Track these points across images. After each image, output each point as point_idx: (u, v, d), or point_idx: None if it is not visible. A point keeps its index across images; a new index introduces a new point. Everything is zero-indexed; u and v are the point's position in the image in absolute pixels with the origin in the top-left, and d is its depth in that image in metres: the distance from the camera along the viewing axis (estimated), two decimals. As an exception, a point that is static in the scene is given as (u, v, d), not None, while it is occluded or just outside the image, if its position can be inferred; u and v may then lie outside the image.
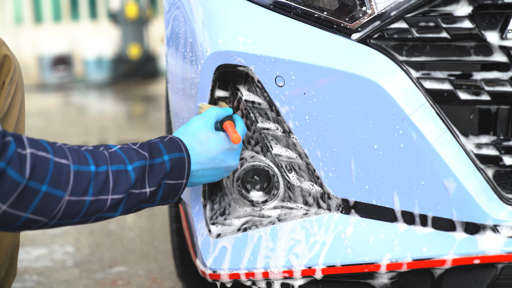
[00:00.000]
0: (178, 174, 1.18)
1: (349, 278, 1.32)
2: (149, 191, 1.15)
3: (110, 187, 1.10)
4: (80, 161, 1.08)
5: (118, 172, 1.11)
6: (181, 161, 1.19)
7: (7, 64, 1.36)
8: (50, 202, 1.03)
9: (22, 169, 1.00)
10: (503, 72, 1.22)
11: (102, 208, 1.10)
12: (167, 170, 1.16)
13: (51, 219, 1.05)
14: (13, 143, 1.00)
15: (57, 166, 1.04)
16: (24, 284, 2.13)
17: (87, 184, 1.07)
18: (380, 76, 1.23)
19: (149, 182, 1.14)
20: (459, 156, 1.24)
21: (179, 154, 1.19)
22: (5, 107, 1.36)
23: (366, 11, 1.25)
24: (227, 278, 1.36)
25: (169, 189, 1.18)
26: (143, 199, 1.15)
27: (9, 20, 10.64)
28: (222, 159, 1.25)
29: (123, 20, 9.21)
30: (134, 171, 1.13)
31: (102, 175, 1.09)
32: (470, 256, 1.25)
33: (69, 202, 1.05)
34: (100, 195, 1.09)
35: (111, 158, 1.12)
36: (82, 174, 1.07)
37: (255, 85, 1.31)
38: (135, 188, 1.13)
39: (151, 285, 2.07)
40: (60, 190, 1.04)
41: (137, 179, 1.13)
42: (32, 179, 1.01)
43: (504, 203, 1.24)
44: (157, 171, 1.15)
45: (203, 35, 1.34)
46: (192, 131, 1.24)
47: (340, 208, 1.32)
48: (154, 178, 1.15)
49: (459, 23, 1.21)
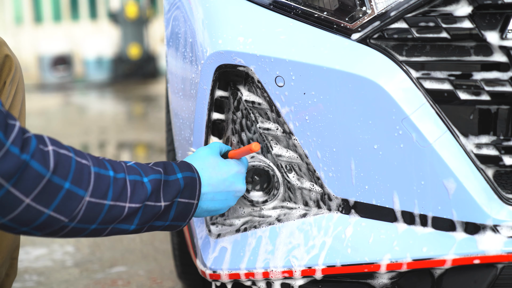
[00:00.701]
0: (190, 193, 1.20)
1: (349, 278, 1.32)
2: (163, 205, 1.16)
3: (128, 194, 1.11)
4: (100, 165, 1.09)
5: (135, 182, 1.12)
6: (193, 181, 1.21)
7: (8, 64, 1.36)
8: (72, 201, 1.04)
9: (46, 162, 1.00)
10: (503, 72, 1.22)
11: (119, 215, 1.10)
12: (181, 186, 1.18)
13: (71, 220, 1.05)
14: (34, 138, 1.01)
15: (79, 165, 1.05)
16: (24, 284, 2.13)
17: (106, 187, 1.08)
18: (380, 76, 1.23)
19: (164, 196, 1.16)
20: (459, 156, 1.24)
21: (191, 174, 1.21)
22: (5, 107, 1.36)
23: (366, 11, 1.25)
24: (227, 278, 1.36)
25: (181, 208, 1.19)
26: (157, 213, 1.16)
27: (9, 20, 10.64)
28: (232, 181, 1.26)
29: (123, 20, 9.21)
30: (150, 183, 1.14)
31: (120, 182, 1.10)
32: (470, 256, 1.25)
33: (89, 204, 1.06)
34: (118, 201, 1.09)
35: (128, 168, 1.13)
36: (102, 176, 1.08)
37: (255, 85, 1.31)
38: (151, 200, 1.14)
39: (151, 285, 2.07)
40: (82, 189, 1.05)
41: (153, 191, 1.14)
42: (55, 173, 1.01)
43: (504, 203, 1.24)
44: (171, 186, 1.17)
45: (203, 35, 1.34)
46: (201, 156, 1.26)
47: (340, 208, 1.32)
48: (168, 193, 1.17)
49: (459, 23, 1.21)
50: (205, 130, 1.36)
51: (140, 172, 1.14)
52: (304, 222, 1.34)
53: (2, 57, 1.35)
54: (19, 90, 1.39)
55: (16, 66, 1.38)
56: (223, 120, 1.37)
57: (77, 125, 5.74)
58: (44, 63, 9.51)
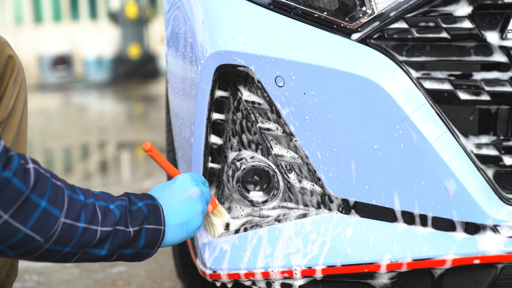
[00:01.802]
0: (156, 218, 1.21)
1: (349, 278, 1.32)
2: (132, 231, 1.17)
3: (99, 218, 1.12)
4: (71, 189, 1.11)
5: (104, 208, 1.14)
6: (155, 207, 1.22)
7: (11, 65, 1.36)
8: (48, 220, 1.05)
9: (27, 180, 1.01)
10: (503, 72, 1.22)
11: (92, 239, 1.11)
12: (145, 213, 1.20)
13: (47, 240, 1.05)
14: (16, 156, 1.02)
15: (54, 185, 1.07)
16: (24, 284, 2.13)
17: (79, 210, 1.09)
18: (380, 76, 1.23)
19: (131, 222, 1.17)
20: (459, 156, 1.24)
21: (152, 201, 1.22)
22: (8, 107, 1.36)
23: (366, 11, 1.25)
24: (227, 278, 1.36)
25: (150, 235, 1.20)
26: (127, 239, 1.17)
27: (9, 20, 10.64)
28: (181, 187, 1.27)
29: (123, 20, 9.21)
30: (117, 208, 1.16)
31: (90, 206, 1.12)
32: (470, 256, 1.25)
33: (64, 224, 1.07)
34: (91, 224, 1.11)
35: (95, 196, 1.15)
36: (74, 200, 1.09)
37: (255, 86, 1.31)
38: (121, 224, 1.15)
39: (151, 285, 2.07)
40: (57, 209, 1.06)
41: (121, 215, 1.16)
42: (34, 191, 1.02)
43: (504, 203, 1.24)
44: (136, 214, 1.19)
45: (203, 35, 1.34)
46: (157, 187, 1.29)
47: (340, 208, 1.32)
48: (135, 220, 1.18)
49: (459, 23, 1.21)
50: (205, 130, 1.36)
51: (106, 200, 1.16)
52: (304, 222, 1.34)
53: (5, 58, 1.35)
54: (21, 91, 1.39)
55: (19, 67, 1.38)
56: (223, 120, 1.37)
57: (77, 125, 5.74)
58: (44, 63, 9.51)
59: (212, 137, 1.38)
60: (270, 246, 1.34)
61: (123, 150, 4.66)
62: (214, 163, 1.39)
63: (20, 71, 1.39)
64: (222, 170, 1.39)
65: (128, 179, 3.78)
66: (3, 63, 1.35)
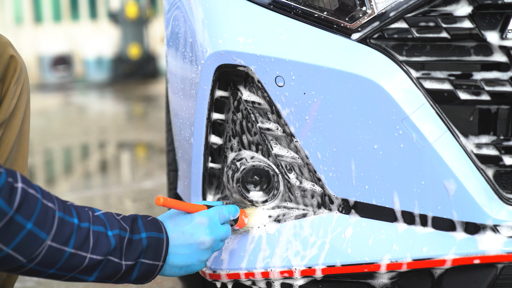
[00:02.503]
0: (155, 254, 1.17)
1: (349, 278, 1.32)
2: (125, 265, 1.14)
3: (90, 245, 1.09)
4: (65, 211, 1.07)
5: (99, 234, 1.10)
6: (159, 241, 1.18)
7: (13, 65, 1.36)
8: (33, 242, 1.02)
9: (11, 201, 0.99)
10: (503, 72, 1.22)
11: (79, 265, 1.09)
12: (143, 246, 1.16)
13: (30, 261, 1.03)
14: (4, 174, 1.00)
15: (44, 207, 1.04)
16: (24, 284, 2.13)
17: (69, 234, 1.06)
18: (380, 76, 1.23)
19: (125, 256, 1.14)
20: (459, 156, 1.24)
21: (158, 234, 1.18)
22: (10, 107, 1.36)
23: (366, 11, 1.25)
24: (227, 278, 1.36)
25: (145, 269, 1.17)
26: (119, 272, 1.13)
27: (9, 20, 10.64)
28: (192, 232, 1.21)
29: (123, 20, 9.21)
30: (114, 237, 1.12)
31: (84, 231, 1.08)
32: (470, 256, 1.25)
33: (50, 248, 1.04)
34: (80, 250, 1.08)
35: (93, 219, 1.12)
36: (65, 223, 1.06)
37: (255, 85, 1.31)
38: (114, 255, 1.12)
39: (151, 285, 2.07)
40: (44, 232, 1.03)
41: (116, 246, 1.12)
42: (19, 213, 1.00)
43: (504, 203, 1.24)
44: (134, 246, 1.15)
45: (203, 35, 1.34)
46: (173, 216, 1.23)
47: (340, 208, 1.32)
48: (131, 253, 1.14)
49: (459, 23, 1.21)
50: (205, 130, 1.36)
51: (106, 224, 1.12)
52: (304, 222, 1.34)
53: (7, 58, 1.35)
54: (24, 91, 1.39)
55: (21, 67, 1.38)
56: (223, 120, 1.37)
57: (77, 125, 5.74)
58: (44, 63, 9.51)
59: (212, 137, 1.37)
60: (270, 246, 1.34)
61: (123, 150, 4.66)
62: (214, 163, 1.39)
63: (23, 71, 1.39)
64: (222, 170, 1.39)
65: (128, 179, 3.78)
66: (5, 63, 1.35)
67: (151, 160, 4.23)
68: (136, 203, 3.11)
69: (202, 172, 1.39)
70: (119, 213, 1.19)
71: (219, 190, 1.42)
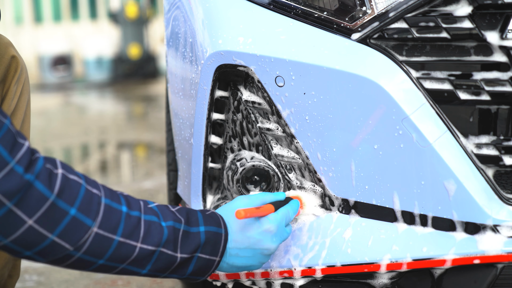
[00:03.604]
0: (212, 249, 1.15)
1: (349, 278, 1.32)
2: (180, 257, 1.11)
3: (141, 234, 1.06)
4: (113, 198, 1.05)
5: (151, 223, 1.08)
6: (217, 236, 1.15)
7: (14, 65, 1.36)
8: (78, 229, 1.00)
9: (51, 185, 0.98)
10: (503, 72, 1.22)
11: (129, 255, 1.06)
12: (201, 241, 1.13)
13: (77, 249, 1.01)
14: (42, 159, 0.99)
15: (88, 193, 1.02)
16: (24, 284, 2.13)
17: (117, 222, 1.04)
18: (380, 76, 1.23)
19: (181, 248, 1.11)
20: (459, 156, 1.24)
21: (217, 229, 1.15)
22: (11, 107, 1.36)
23: (366, 11, 1.25)
24: (227, 278, 1.36)
25: (201, 264, 1.14)
26: (173, 264, 1.11)
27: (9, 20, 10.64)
28: (259, 239, 1.20)
29: (123, 20, 9.21)
30: (167, 228, 1.09)
31: (133, 219, 1.06)
32: (470, 256, 1.25)
33: (97, 235, 1.02)
34: (129, 238, 1.05)
35: (145, 209, 1.09)
36: (113, 210, 1.04)
37: (255, 86, 1.31)
38: (167, 247, 1.09)
39: (151, 285, 2.07)
40: (89, 218, 1.01)
41: (169, 238, 1.09)
42: (61, 197, 0.99)
43: (504, 203, 1.24)
44: (191, 239, 1.12)
45: (203, 35, 1.34)
46: (233, 209, 1.20)
47: (340, 208, 1.32)
48: (187, 245, 1.12)
49: (459, 23, 1.21)
50: (205, 130, 1.36)
51: (159, 215, 1.09)
52: (304, 222, 1.33)
53: (8, 58, 1.36)
54: (24, 91, 1.39)
55: (22, 67, 1.38)
56: (223, 120, 1.37)
57: (77, 125, 5.74)
58: (44, 63, 9.51)
59: (212, 137, 1.37)
60: (270, 246, 1.34)
61: (123, 150, 4.66)
62: (214, 163, 1.39)
63: (23, 71, 1.39)
64: (222, 170, 1.39)
65: (128, 179, 3.78)
66: (6, 63, 1.35)
67: (151, 160, 4.23)
68: (136, 203, 3.11)
69: (202, 172, 1.39)
70: (175, 206, 1.17)
71: (219, 190, 1.42)
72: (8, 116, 0.99)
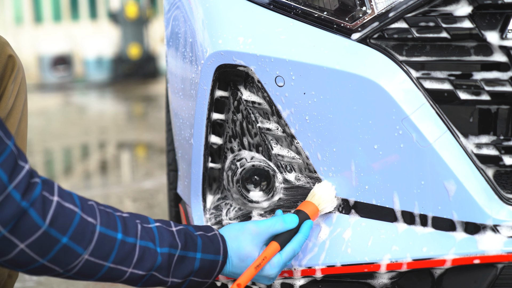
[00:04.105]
0: (206, 274, 1.15)
1: (349, 278, 1.32)
2: (171, 281, 1.12)
3: (134, 260, 1.07)
4: (109, 225, 1.05)
5: (145, 249, 1.08)
6: (213, 264, 1.15)
7: (10, 65, 1.36)
8: (69, 256, 1.01)
9: (45, 214, 0.98)
10: (503, 72, 1.22)
11: (119, 277, 1.07)
12: (194, 268, 1.14)
13: (67, 271, 1.03)
14: (40, 185, 0.99)
15: (83, 222, 1.02)
16: (24, 284, 2.13)
17: (110, 250, 1.05)
18: (380, 76, 1.23)
19: (173, 273, 1.12)
20: (459, 156, 1.24)
21: (214, 257, 1.16)
22: (7, 107, 1.36)
23: (366, 11, 1.25)
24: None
25: (193, 285, 1.15)
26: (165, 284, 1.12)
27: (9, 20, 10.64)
28: (256, 278, 1.21)
29: (123, 20, 9.22)
30: (162, 256, 1.10)
31: (128, 246, 1.07)
32: (470, 256, 1.25)
33: (87, 261, 1.03)
34: (120, 264, 1.06)
35: (142, 232, 1.09)
36: (107, 238, 1.04)
37: (255, 85, 1.31)
38: (159, 272, 1.10)
39: (151, 285, 2.06)
40: (81, 247, 1.02)
41: (163, 264, 1.10)
42: (53, 227, 0.99)
43: (504, 203, 1.24)
44: (185, 264, 1.13)
45: (203, 35, 1.34)
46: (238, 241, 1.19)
47: (340, 208, 1.32)
48: (180, 271, 1.12)
49: (459, 23, 1.21)
50: (205, 130, 1.36)
51: (155, 240, 1.10)
52: (304, 222, 1.33)
53: (5, 58, 1.36)
54: (21, 91, 1.39)
55: (19, 67, 1.38)
56: (223, 120, 1.37)
57: (77, 125, 5.74)
58: (44, 63, 9.51)
59: (212, 137, 1.37)
60: (270, 246, 1.34)
61: (123, 150, 4.66)
62: (214, 163, 1.39)
63: (20, 70, 1.39)
64: (222, 170, 1.39)
65: (128, 179, 3.78)
66: (3, 63, 1.35)
67: (151, 160, 4.23)
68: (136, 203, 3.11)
69: (202, 172, 1.39)
70: (178, 224, 1.16)
71: (219, 190, 1.42)
72: (12, 137, 0.99)
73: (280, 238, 1.23)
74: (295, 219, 1.24)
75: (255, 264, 1.18)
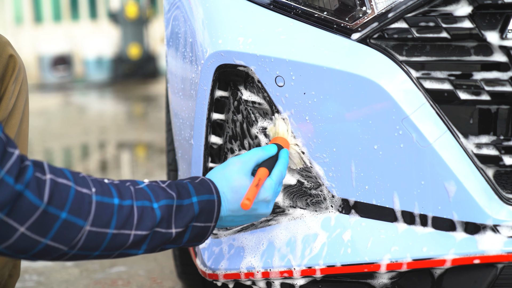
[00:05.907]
0: (207, 217, 1.16)
1: (349, 278, 1.32)
2: (175, 232, 1.12)
3: (134, 222, 1.07)
4: (104, 193, 1.06)
5: (143, 208, 1.09)
6: (210, 204, 1.16)
7: (12, 64, 1.36)
8: (70, 230, 1.01)
9: (41, 193, 0.98)
10: (503, 72, 1.22)
11: (124, 243, 1.07)
12: (195, 212, 1.14)
13: (71, 248, 1.03)
14: (31, 167, 0.99)
15: (78, 194, 1.02)
16: (24, 284, 2.13)
17: (109, 216, 1.05)
18: (380, 76, 1.23)
19: (175, 223, 1.12)
20: (459, 156, 1.24)
21: (209, 197, 1.16)
22: (8, 107, 1.36)
23: (366, 11, 1.25)
24: (227, 277, 1.36)
25: (197, 232, 1.16)
26: (168, 240, 1.12)
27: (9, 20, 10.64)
28: (255, 208, 1.21)
29: (123, 20, 9.21)
30: (160, 209, 1.10)
31: (126, 209, 1.07)
32: (470, 256, 1.25)
33: (90, 233, 1.03)
34: (122, 229, 1.06)
35: (136, 193, 1.10)
36: (104, 205, 1.05)
37: (255, 85, 1.31)
38: (161, 227, 1.10)
39: (151, 285, 2.07)
40: (81, 219, 1.02)
41: (163, 218, 1.10)
42: (51, 204, 0.99)
43: (504, 203, 1.24)
44: (184, 212, 1.13)
45: (203, 35, 1.34)
46: (226, 176, 1.20)
47: (340, 208, 1.32)
48: (181, 219, 1.13)
49: (459, 23, 1.21)
50: (205, 130, 1.36)
51: (150, 197, 1.10)
52: (304, 222, 1.33)
53: (6, 57, 1.36)
54: (22, 91, 1.39)
55: (20, 66, 1.38)
56: (223, 120, 1.37)
57: (77, 125, 5.74)
58: (44, 63, 9.51)
59: (212, 137, 1.37)
60: (270, 246, 1.34)
61: (123, 150, 4.66)
62: (214, 163, 1.39)
63: (21, 70, 1.39)
64: (222, 170, 1.38)
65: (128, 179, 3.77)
66: (4, 63, 1.35)
67: (151, 160, 4.23)
68: (136, 203, 3.11)
69: (202, 173, 1.39)
70: (164, 180, 1.17)
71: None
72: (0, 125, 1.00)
73: (265, 164, 1.24)
74: (274, 146, 1.27)
75: (253, 184, 1.19)
